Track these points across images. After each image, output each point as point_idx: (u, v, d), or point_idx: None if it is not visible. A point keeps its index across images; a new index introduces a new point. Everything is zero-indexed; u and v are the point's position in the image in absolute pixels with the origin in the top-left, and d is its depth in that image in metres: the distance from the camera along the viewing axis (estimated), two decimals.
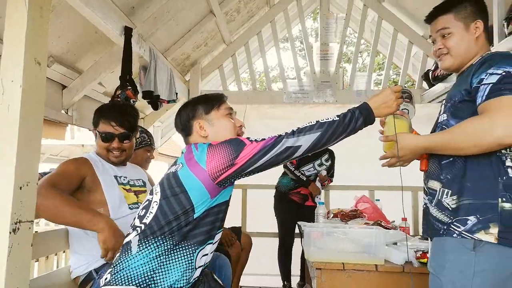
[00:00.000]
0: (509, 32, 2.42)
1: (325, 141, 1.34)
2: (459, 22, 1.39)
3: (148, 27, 2.95)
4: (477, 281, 1.19)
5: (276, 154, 1.32)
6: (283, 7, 4.30)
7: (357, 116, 1.36)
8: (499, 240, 1.18)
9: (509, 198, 1.20)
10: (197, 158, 1.36)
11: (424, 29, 4.11)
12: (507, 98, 1.18)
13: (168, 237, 1.33)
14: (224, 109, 1.54)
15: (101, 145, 1.85)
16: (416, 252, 1.73)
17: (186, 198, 1.34)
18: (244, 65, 5.14)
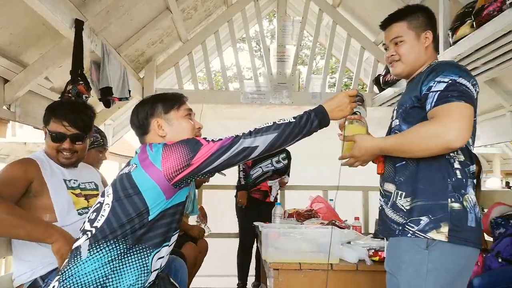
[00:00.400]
0: (454, 42, 2.58)
1: (282, 142, 1.35)
2: (411, 31, 1.46)
3: (100, 21, 2.82)
4: (430, 278, 1.26)
5: (233, 155, 1.31)
6: (240, 7, 4.30)
7: (313, 118, 1.39)
8: (449, 239, 1.25)
9: (457, 198, 1.29)
10: (151, 158, 1.32)
11: (375, 35, 4.30)
12: (454, 104, 1.25)
13: (121, 240, 1.28)
14: (184, 109, 1.51)
15: (50, 145, 1.72)
16: (368, 250, 1.79)
17: (140, 199, 1.30)
18: (201, 63, 5.08)
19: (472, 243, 1.28)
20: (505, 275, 1.93)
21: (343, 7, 4.39)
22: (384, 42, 1.55)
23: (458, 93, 1.26)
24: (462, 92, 1.27)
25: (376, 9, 3.93)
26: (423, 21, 1.48)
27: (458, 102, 1.25)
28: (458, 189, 1.30)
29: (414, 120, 1.37)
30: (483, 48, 2.37)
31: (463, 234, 1.26)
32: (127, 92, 3.08)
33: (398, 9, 1.54)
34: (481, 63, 2.61)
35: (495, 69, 2.67)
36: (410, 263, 1.29)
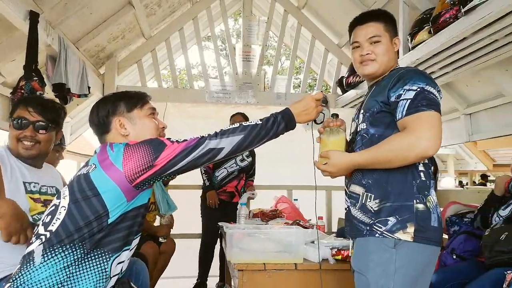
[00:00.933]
0: (413, 46, 2.67)
1: (248, 144, 1.34)
2: (387, 33, 1.50)
3: (58, 13, 2.69)
4: (398, 276, 1.31)
5: (198, 156, 1.28)
6: (206, 5, 4.25)
7: (279, 121, 1.39)
8: (415, 239, 1.31)
9: (421, 199, 1.34)
10: (112, 158, 1.27)
11: (339, 38, 4.38)
12: (425, 114, 1.30)
13: (78, 245, 1.22)
14: (147, 108, 1.47)
15: (12, 135, 1.61)
16: (331, 249, 1.82)
17: (99, 202, 1.24)
18: (165, 61, 4.97)
19: (435, 242, 1.34)
20: (459, 271, 2.03)
21: (308, 9, 4.44)
22: (355, 40, 1.54)
23: (427, 102, 1.31)
24: (431, 101, 1.32)
25: (340, 12, 4.01)
26: (394, 27, 1.53)
27: (429, 112, 1.30)
28: (423, 190, 1.36)
29: (381, 124, 1.41)
30: (439, 53, 2.47)
31: (427, 234, 1.32)
32: (86, 88, 2.95)
33: (375, 10, 1.57)
34: (437, 68, 2.72)
35: (450, 74, 2.79)
36: (378, 262, 1.33)
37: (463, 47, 2.32)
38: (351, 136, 1.60)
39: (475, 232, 2.20)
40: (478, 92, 3.19)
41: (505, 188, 2.03)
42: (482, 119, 3.24)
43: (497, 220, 2.05)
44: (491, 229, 2.00)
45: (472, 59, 2.48)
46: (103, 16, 3.32)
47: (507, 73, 2.70)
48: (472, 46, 2.30)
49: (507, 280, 1.57)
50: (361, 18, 1.54)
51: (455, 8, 2.25)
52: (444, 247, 2.35)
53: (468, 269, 2.01)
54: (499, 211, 2.05)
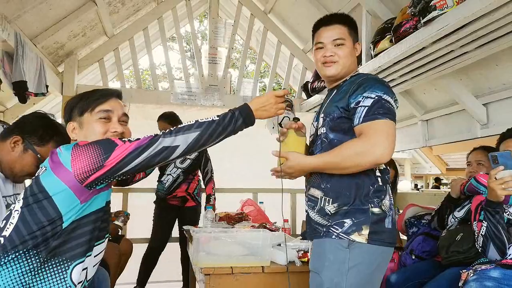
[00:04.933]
0: (375, 54, 2.77)
1: (204, 141, 1.28)
2: (350, 37, 1.53)
3: (14, 8, 2.55)
4: (351, 275, 1.35)
5: (152, 155, 1.22)
6: (171, 5, 4.18)
7: (237, 117, 1.33)
8: (369, 241, 1.36)
9: (377, 203, 1.39)
10: (61, 159, 1.21)
11: (304, 43, 4.46)
12: (381, 122, 1.34)
13: (32, 253, 1.16)
14: (98, 112, 1.37)
15: (25, 167, 1.55)
16: (298, 251, 1.84)
17: (51, 205, 1.18)
18: (127, 61, 4.84)
19: (388, 243, 1.40)
20: (418, 271, 2.11)
21: (274, 14, 4.49)
22: (319, 41, 1.55)
23: (383, 110, 1.35)
24: (387, 109, 1.37)
25: (305, 19, 4.08)
26: (356, 32, 1.57)
27: (384, 120, 1.34)
28: (378, 194, 1.40)
29: (340, 130, 1.44)
30: (400, 61, 2.57)
31: (381, 235, 1.37)
32: (44, 87, 2.82)
33: (340, 13, 1.59)
34: (397, 76, 2.84)
35: (409, 82, 2.91)
36: (333, 261, 1.37)
37: (422, 56, 2.43)
38: (311, 138, 1.62)
39: (432, 233, 2.30)
40: (434, 99, 3.36)
41: (460, 190, 2.14)
42: (437, 125, 3.40)
43: (452, 221, 2.16)
44: (447, 230, 2.10)
45: (430, 68, 2.60)
46: (63, 12, 3.19)
47: (461, 82, 2.86)
48: (430, 56, 2.42)
49: (462, 279, 1.65)
50: (327, 20, 1.56)
51: (415, 19, 2.35)
52: (403, 248, 2.45)
53: (426, 269, 2.10)
54: (455, 213, 2.16)
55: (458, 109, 3.07)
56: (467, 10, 1.88)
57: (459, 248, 1.89)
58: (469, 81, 2.83)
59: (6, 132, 1.57)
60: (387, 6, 3.04)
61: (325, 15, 1.60)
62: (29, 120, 1.63)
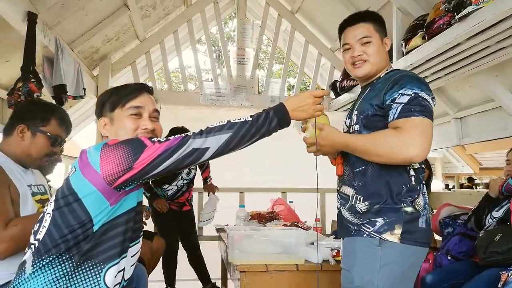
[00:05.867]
0: (407, 52, 2.73)
1: (236, 144, 1.21)
2: (377, 33, 1.51)
3: (54, 15, 2.67)
4: (383, 273, 1.34)
5: (182, 157, 1.16)
6: (200, 8, 4.26)
7: (271, 117, 1.26)
8: (401, 240, 1.34)
9: (410, 202, 1.37)
10: (90, 160, 1.17)
11: (332, 42, 4.44)
12: (417, 119, 1.32)
13: (65, 257, 1.15)
14: (129, 108, 1.33)
15: (41, 148, 1.61)
16: (332, 250, 1.84)
17: (81, 208, 1.15)
18: (158, 63, 4.96)
19: (421, 243, 1.37)
20: (455, 271, 2.07)
21: (302, 13, 4.49)
22: (346, 42, 1.54)
23: (420, 108, 1.33)
24: (424, 107, 1.34)
25: (333, 17, 4.06)
26: (383, 27, 1.55)
27: (422, 118, 1.32)
28: (412, 194, 1.38)
29: (374, 128, 1.42)
30: (433, 58, 2.53)
31: (414, 235, 1.35)
32: (81, 90, 2.93)
33: (364, 11, 1.58)
34: (430, 73, 2.79)
35: (442, 79, 2.86)
36: (364, 258, 1.36)
37: (456, 52, 2.38)
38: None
39: (469, 233, 2.25)
40: (468, 96, 3.27)
41: (499, 190, 2.09)
42: (471, 123, 3.32)
43: (490, 221, 2.10)
44: (485, 230, 2.05)
45: (464, 64, 2.55)
46: (98, 18, 3.30)
47: (497, 78, 2.78)
48: (465, 52, 2.37)
49: (502, 280, 1.61)
50: (350, 20, 1.54)
51: (449, 15, 2.31)
52: (438, 248, 2.40)
53: (463, 270, 2.06)
54: (493, 213, 2.11)
55: (493, 106, 2.99)
56: (504, 4, 1.83)
57: (498, 249, 1.85)
58: (505, 77, 2.75)
59: (8, 128, 1.64)
60: (418, 3, 2.99)
61: (349, 16, 1.59)
62: (24, 109, 1.74)
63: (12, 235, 1.38)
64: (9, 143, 1.61)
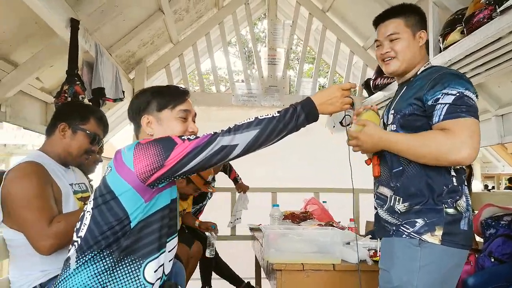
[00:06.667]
0: (444, 47, 2.65)
1: (264, 139, 1.21)
2: (408, 28, 1.47)
3: (94, 21, 2.78)
4: (422, 274, 1.31)
5: (210, 155, 1.18)
6: (231, 10, 4.31)
7: (299, 112, 1.24)
8: (442, 242, 1.31)
9: (450, 204, 1.33)
10: (124, 159, 1.21)
11: (364, 40, 4.37)
12: (465, 120, 1.27)
13: (106, 253, 1.21)
14: (179, 110, 1.38)
15: (81, 145, 1.69)
16: (369, 250, 1.82)
17: (117, 205, 1.20)
18: (191, 65, 5.06)
19: (462, 245, 1.33)
20: (498, 274, 1.99)
21: (333, 12, 4.45)
22: (377, 39, 1.54)
23: (466, 108, 1.29)
24: (471, 107, 1.30)
25: (365, 14, 3.99)
26: (418, 20, 1.50)
27: (469, 118, 1.28)
28: (453, 195, 1.35)
29: (412, 127, 1.39)
30: (473, 54, 2.44)
31: (456, 237, 1.32)
32: (120, 92, 3.04)
33: (397, 5, 1.54)
34: (469, 69, 2.69)
35: (482, 75, 2.75)
36: (403, 259, 1.34)
37: (498, 47, 2.29)
38: None
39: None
40: (510, 92, 3.13)
41: None
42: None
43: None
44: None
45: (506, 59, 2.44)
46: (134, 23, 3.41)
47: None
48: (507, 46, 2.27)
49: None
50: (381, 16, 1.52)
51: (490, 8, 2.22)
52: (480, 250, 2.32)
53: (508, 272, 1.98)
54: None
55: None
56: None
57: None
58: None
59: (50, 128, 1.72)
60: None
61: (382, 11, 1.55)
62: (64, 109, 1.84)
63: (56, 231, 1.45)
64: (51, 143, 1.69)
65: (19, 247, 1.53)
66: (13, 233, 1.51)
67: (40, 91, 2.99)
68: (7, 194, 1.48)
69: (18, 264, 1.57)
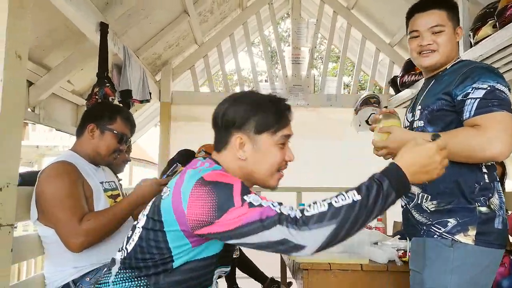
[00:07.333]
0: (475, 42, 2.57)
1: (342, 237, 0.95)
2: (450, 22, 1.41)
3: (122, 24, 2.86)
4: (455, 276, 1.27)
5: (267, 244, 0.96)
6: (255, 10, 4.32)
7: (386, 191, 0.96)
8: (476, 242, 1.27)
9: (484, 202, 1.29)
10: (182, 190, 1.03)
11: (390, 37, 4.29)
12: (497, 114, 1.23)
13: (143, 280, 1.09)
14: (281, 136, 1.13)
15: (109, 145, 1.73)
16: (398, 251, 1.79)
17: (163, 239, 1.06)
18: (216, 66, 5.11)
19: (497, 245, 1.29)
20: None
21: (358, 9, 4.39)
22: (414, 29, 1.44)
23: (498, 102, 1.24)
24: (503, 100, 1.25)
25: (391, 10, 3.92)
26: (457, 16, 1.45)
27: (501, 112, 1.23)
28: (486, 192, 1.30)
29: (440, 122, 1.35)
30: (506, 48, 2.36)
31: (489, 237, 1.27)
32: (147, 94, 3.11)
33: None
34: (502, 64, 2.60)
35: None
36: (435, 260, 1.30)
37: None
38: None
39: None
40: None
41: None
42: None
43: None
44: None
45: None
46: (160, 26, 3.48)
47: None
48: None
49: None
50: (423, 4, 1.43)
51: None
52: None
53: None
54: None
55: None
56: None
57: None
58: None
59: (80, 129, 1.77)
60: None
61: (420, 0, 1.47)
62: (92, 110, 1.90)
63: (86, 229, 1.49)
64: (81, 144, 1.74)
65: (52, 244, 1.59)
66: (47, 230, 1.57)
67: (72, 93, 3.09)
68: (40, 193, 1.54)
69: (52, 260, 1.63)
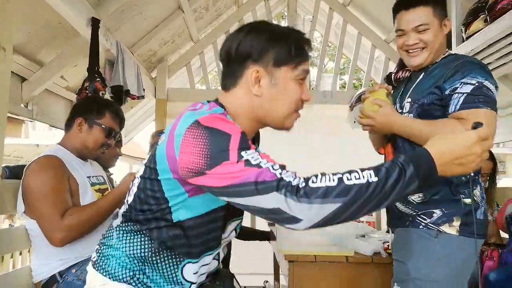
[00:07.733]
0: (467, 37, 2.57)
1: (344, 218, 0.84)
2: (436, 18, 1.40)
3: (115, 20, 2.86)
4: (440, 266, 1.29)
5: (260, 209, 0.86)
6: (251, 7, 4.32)
7: (409, 179, 0.84)
8: (460, 233, 1.30)
9: (467, 194, 1.31)
10: (176, 134, 0.94)
11: (386, 33, 4.29)
12: (481, 111, 1.25)
13: (145, 236, 1.04)
14: (301, 70, 1.03)
15: (97, 139, 1.74)
16: (384, 243, 1.79)
17: (159, 189, 0.99)
18: (212, 63, 5.11)
19: (479, 235, 1.32)
20: None
21: (354, 5, 4.39)
22: (400, 28, 1.42)
23: (484, 98, 1.26)
24: (489, 98, 1.27)
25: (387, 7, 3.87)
26: (444, 8, 1.44)
27: (486, 109, 1.25)
28: (470, 184, 1.32)
29: (430, 117, 1.35)
30: (496, 42, 2.36)
31: (472, 227, 1.29)
32: (142, 91, 3.12)
33: None
34: (494, 59, 2.60)
35: (508, 65, 2.65)
36: (421, 250, 1.32)
37: None
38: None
39: None
40: None
41: None
42: None
43: None
44: None
45: None
46: (155, 22, 3.49)
47: None
48: None
49: None
50: (406, 2, 1.40)
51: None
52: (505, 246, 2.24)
53: None
54: None
55: None
56: None
57: None
58: None
59: (69, 122, 1.78)
60: None
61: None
62: (81, 104, 1.91)
63: (69, 224, 1.50)
64: (69, 137, 1.76)
65: (38, 237, 1.60)
66: (33, 223, 1.59)
67: (65, 89, 3.10)
68: (26, 187, 1.56)
69: (38, 253, 1.65)
